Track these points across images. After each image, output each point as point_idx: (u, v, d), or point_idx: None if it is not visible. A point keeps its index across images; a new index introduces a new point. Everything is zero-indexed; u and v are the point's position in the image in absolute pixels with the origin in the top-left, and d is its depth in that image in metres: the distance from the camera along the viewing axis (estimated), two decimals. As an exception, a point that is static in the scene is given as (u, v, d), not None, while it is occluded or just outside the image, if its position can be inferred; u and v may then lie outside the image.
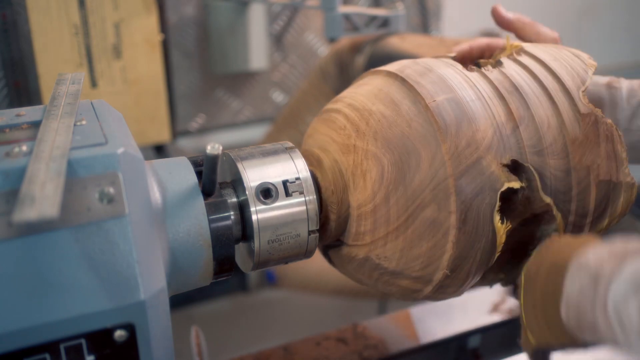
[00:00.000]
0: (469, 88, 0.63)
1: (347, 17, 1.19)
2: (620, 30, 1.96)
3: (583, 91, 0.65)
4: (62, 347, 0.47)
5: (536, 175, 0.61)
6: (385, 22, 1.25)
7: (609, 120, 0.64)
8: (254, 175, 0.61)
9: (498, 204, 0.60)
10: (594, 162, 0.63)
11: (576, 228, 0.65)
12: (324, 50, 1.49)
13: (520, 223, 0.65)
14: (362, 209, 0.63)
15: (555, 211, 0.62)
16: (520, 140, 0.61)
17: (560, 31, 0.78)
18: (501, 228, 0.60)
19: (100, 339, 0.48)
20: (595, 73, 0.68)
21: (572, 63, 0.67)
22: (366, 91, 0.66)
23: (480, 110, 0.61)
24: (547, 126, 0.62)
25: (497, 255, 0.62)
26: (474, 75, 0.65)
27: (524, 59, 0.67)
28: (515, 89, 0.64)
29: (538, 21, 0.75)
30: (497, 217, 0.60)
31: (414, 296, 0.66)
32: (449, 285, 0.63)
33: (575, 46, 0.72)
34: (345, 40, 1.33)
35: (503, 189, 0.60)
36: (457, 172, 0.59)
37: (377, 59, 1.30)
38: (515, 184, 0.60)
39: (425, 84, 0.62)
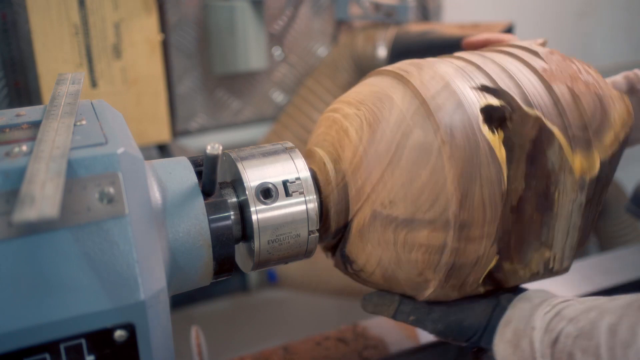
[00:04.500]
0: (436, 60, 0.69)
1: (356, 0, 1.37)
2: (620, 30, 1.96)
3: (540, 44, 0.71)
4: (62, 347, 0.47)
5: (513, 95, 0.63)
6: (389, 12, 1.30)
7: (574, 58, 0.69)
8: (254, 175, 0.61)
9: (482, 116, 0.61)
10: (570, 78, 0.66)
11: (582, 142, 0.64)
12: (324, 50, 1.49)
13: (527, 162, 0.63)
14: (354, 161, 0.64)
15: (548, 124, 0.62)
16: (486, 73, 0.65)
17: (560, 31, 0.78)
18: (494, 138, 0.61)
19: (100, 339, 0.48)
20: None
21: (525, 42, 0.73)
22: (354, 88, 0.72)
23: (440, 62, 0.67)
24: (509, 63, 0.67)
25: (503, 172, 0.61)
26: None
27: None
28: (472, 53, 0.70)
29: (538, 21, 0.76)
30: (485, 128, 0.61)
31: (443, 259, 0.62)
32: (471, 224, 0.60)
33: (575, 46, 0.73)
34: (359, 36, 1.36)
35: (481, 105, 0.62)
36: (429, 96, 0.62)
37: (401, 49, 1.32)
38: (494, 102, 0.62)
39: (399, 65, 0.69)
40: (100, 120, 0.55)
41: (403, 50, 1.33)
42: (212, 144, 0.55)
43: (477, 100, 0.62)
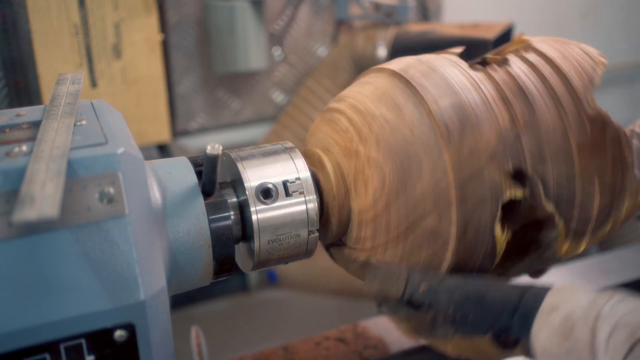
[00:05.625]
0: (473, 90, 0.62)
1: (356, 1, 1.37)
2: (620, 30, 1.96)
3: (590, 92, 0.63)
4: (62, 347, 0.47)
5: (539, 184, 0.61)
6: (389, 12, 1.31)
7: (617, 123, 0.63)
8: (254, 175, 0.61)
9: (499, 214, 0.60)
10: (600, 168, 0.63)
11: (578, 234, 0.64)
12: (324, 50, 1.49)
13: (522, 227, 0.64)
14: (363, 215, 0.63)
15: (557, 219, 0.62)
16: (523, 147, 0.61)
17: (561, 31, 0.78)
18: (501, 238, 0.61)
19: (100, 339, 0.48)
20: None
21: (580, 61, 0.66)
22: (369, 92, 0.65)
23: (484, 115, 0.60)
24: (552, 132, 0.61)
25: (496, 262, 0.62)
26: (478, 76, 0.63)
27: (531, 56, 0.66)
28: (521, 90, 0.62)
29: (538, 21, 0.74)
30: (498, 228, 0.60)
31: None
32: None
33: (575, 46, 0.72)
34: (359, 36, 1.36)
35: (504, 201, 0.60)
36: (459, 183, 0.59)
37: (401, 49, 1.33)
38: (518, 193, 0.60)
39: (429, 87, 0.61)
40: (100, 120, 0.55)
41: (403, 50, 1.33)
42: (212, 144, 0.55)
43: (503, 193, 0.60)
